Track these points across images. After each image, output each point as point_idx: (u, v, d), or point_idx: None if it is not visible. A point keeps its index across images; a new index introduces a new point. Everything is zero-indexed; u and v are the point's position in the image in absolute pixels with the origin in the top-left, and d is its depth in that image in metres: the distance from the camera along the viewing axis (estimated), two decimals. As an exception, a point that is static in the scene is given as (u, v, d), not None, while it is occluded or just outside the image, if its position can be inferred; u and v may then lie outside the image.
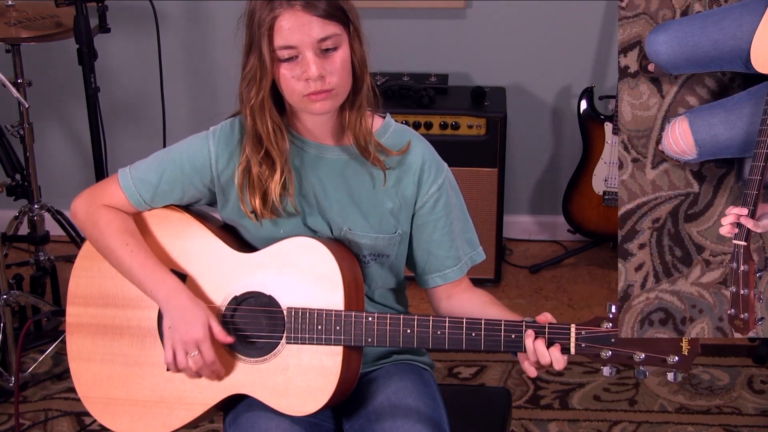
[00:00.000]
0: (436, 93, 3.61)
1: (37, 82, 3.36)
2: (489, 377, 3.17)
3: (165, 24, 3.67)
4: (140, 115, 4.01)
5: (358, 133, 1.84)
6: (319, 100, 1.77)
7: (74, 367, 1.95)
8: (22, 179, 3.27)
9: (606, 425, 2.93)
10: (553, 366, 1.72)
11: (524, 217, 4.10)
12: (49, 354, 3.24)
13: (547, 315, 1.74)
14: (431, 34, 3.84)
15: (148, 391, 1.90)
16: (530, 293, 3.72)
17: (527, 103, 3.89)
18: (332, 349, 1.81)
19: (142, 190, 1.91)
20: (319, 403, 1.81)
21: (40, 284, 3.47)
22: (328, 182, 1.89)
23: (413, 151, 1.90)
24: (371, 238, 1.89)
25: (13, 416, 2.99)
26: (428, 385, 1.96)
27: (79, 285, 1.96)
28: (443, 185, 1.91)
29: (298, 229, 1.89)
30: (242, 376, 1.85)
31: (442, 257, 1.94)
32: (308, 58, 1.74)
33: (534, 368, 1.75)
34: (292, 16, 1.72)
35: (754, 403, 3.02)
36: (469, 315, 1.81)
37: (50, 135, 4.06)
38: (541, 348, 1.71)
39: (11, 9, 3.26)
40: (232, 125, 1.90)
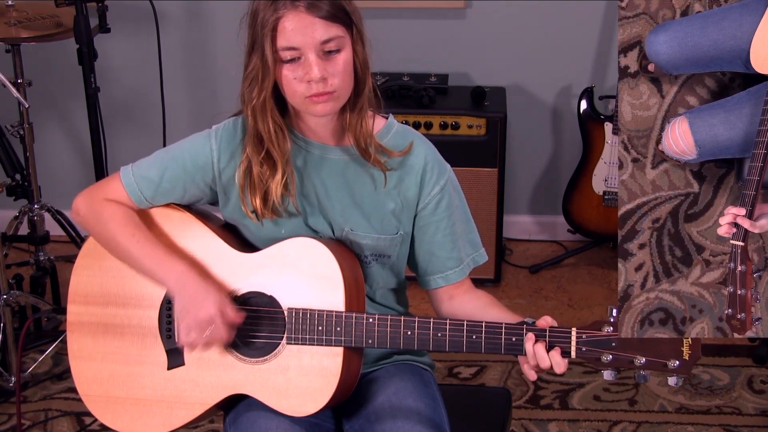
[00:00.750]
0: (436, 93, 3.60)
1: (37, 82, 3.36)
2: (489, 377, 3.17)
3: (165, 24, 3.67)
4: (140, 115, 4.00)
5: (358, 134, 1.84)
6: (321, 102, 1.77)
7: (75, 365, 1.95)
8: (22, 179, 3.27)
9: (606, 425, 2.93)
10: (553, 370, 1.72)
11: (524, 217, 4.10)
12: (49, 354, 3.24)
13: (548, 319, 1.74)
14: (431, 34, 3.84)
15: (148, 391, 1.90)
16: (530, 293, 3.71)
17: (527, 103, 3.89)
18: (333, 350, 1.80)
19: (143, 188, 1.91)
20: (320, 404, 1.81)
21: (40, 284, 3.47)
22: (330, 182, 1.89)
23: (415, 152, 1.89)
24: (373, 238, 1.89)
25: (12, 416, 2.99)
26: (428, 386, 1.96)
27: (80, 283, 1.96)
28: (446, 186, 1.91)
29: (299, 229, 1.89)
30: (242, 376, 1.85)
31: (444, 258, 1.94)
32: (311, 59, 1.73)
33: (534, 372, 1.75)
34: (295, 17, 1.72)
35: (754, 403, 3.02)
36: (470, 316, 1.82)
37: (50, 135, 4.05)
38: (541, 352, 1.72)
39: (11, 9, 3.26)
40: (234, 124, 1.90)
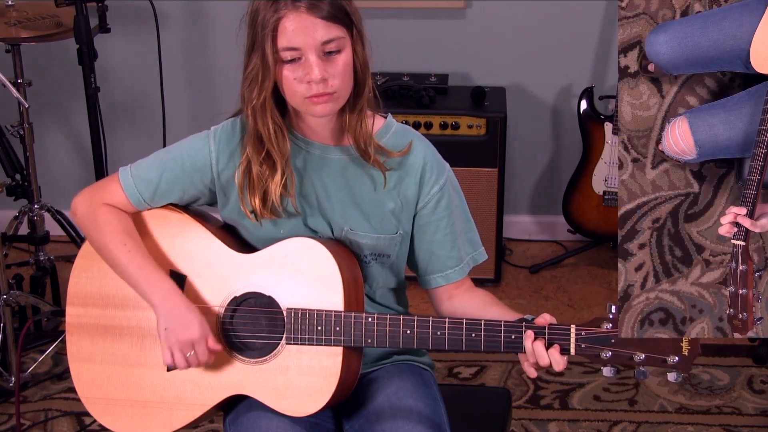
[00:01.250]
0: (436, 93, 3.60)
1: (37, 82, 3.36)
2: (489, 377, 3.17)
3: (165, 24, 3.67)
4: (140, 115, 4.00)
5: (358, 135, 1.84)
6: (321, 102, 1.76)
7: (74, 367, 1.95)
8: (22, 179, 3.27)
9: (606, 425, 2.93)
10: (552, 367, 1.72)
11: (524, 217, 4.10)
12: (49, 354, 3.24)
13: (546, 316, 1.74)
14: (431, 34, 3.84)
15: (148, 392, 1.90)
16: (530, 293, 3.71)
17: (527, 103, 3.89)
18: (332, 350, 1.80)
19: (142, 189, 1.91)
20: (319, 404, 1.81)
21: (40, 284, 3.47)
22: (330, 183, 1.88)
23: (415, 152, 1.89)
24: (372, 238, 1.89)
25: (12, 416, 2.99)
26: (428, 386, 1.95)
27: (78, 285, 1.96)
28: (445, 185, 1.91)
29: (298, 230, 1.88)
30: (242, 376, 1.85)
31: (444, 257, 1.94)
32: (311, 60, 1.73)
33: (534, 369, 1.75)
34: (296, 17, 1.72)
35: (754, 403, 3.01)
36: (470, 315, 1.81)
37: (50, 135, 4.06)
38: (540, 349, 1.71)
39: (11, 9, 3.25)
40: (233, 125, 1.90)
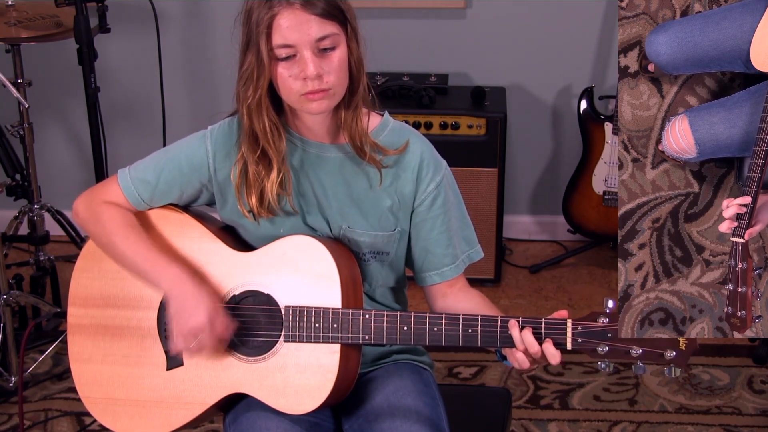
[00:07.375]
0: (436, 93, 3.61)
1: (37, 82, 3.36)
2: (489, 377, 3.17)
3: (165, 24, 3.68)
4: (140, 115, 4.00)
5: (353, 132, 1.84)
6: (316, 99, 1.77)
7: (75, 368, 1.95)
8: (22, 179, 3.27)
9: (606, 425, 2.93)
10: (548, 361, 1.71)
11: (524, 217, 4.10)
12: (49, 354, 3.24)
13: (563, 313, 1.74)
14: (431, 34, 3.84)
15: (148, 392, 1.90)
16: (530, 293, 3.71)
17: (527, 103, 3.89)
18: (330, 348, 1.81)
19: (141, 190, 1.91)
20: (317, 402, 1.81)
21: (40, 284, 3.47)
22: (327, 181, 1.89)
23: (411, 149, 1.89)
24: (370, 235, 1.89)
25: (12, 416, 2.99)
26: (428, 385, 1.95)
27: (79, 286, 1.96)
28: (441, 183, 1.91)
29: (298, 229, 1.89)
30: (240, 375, 1.85)
31: (440, 255, 1.94)
32: (306, 57, 1.73)
33: (527, 360, 1.74)
34: (291, 14, 1.72)
35: (754, 403, 3.01)
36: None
37: (50, 135, 4.06)
38: (529, 338, 1.71)
39: (11, 9, 3.26)
40: (230, 124, 1.90)
